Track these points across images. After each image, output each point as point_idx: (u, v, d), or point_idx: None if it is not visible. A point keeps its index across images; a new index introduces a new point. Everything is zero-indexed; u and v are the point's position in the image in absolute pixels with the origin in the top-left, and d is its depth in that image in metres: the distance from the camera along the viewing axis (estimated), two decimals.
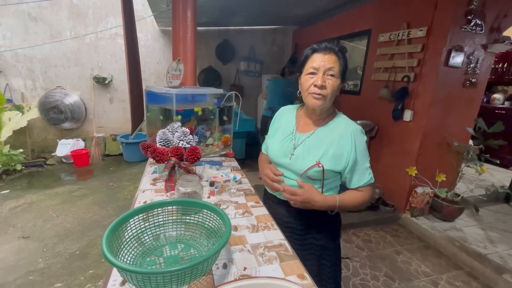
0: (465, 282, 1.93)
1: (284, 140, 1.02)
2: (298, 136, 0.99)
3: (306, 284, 0.66)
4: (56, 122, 3.86)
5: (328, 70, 0.88)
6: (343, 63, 0.90)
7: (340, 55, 0.90)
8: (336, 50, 0.90)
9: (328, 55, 0.88)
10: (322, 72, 0.88)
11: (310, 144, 0.95)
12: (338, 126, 0.95)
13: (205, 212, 0.76)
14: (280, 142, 1.02)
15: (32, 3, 3.61)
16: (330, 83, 0.88)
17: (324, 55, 0.89)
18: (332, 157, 0.91)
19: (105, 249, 0.55)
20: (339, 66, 0.89)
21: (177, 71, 1.52)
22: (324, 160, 0.91)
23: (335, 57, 0.89)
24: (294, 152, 0.96)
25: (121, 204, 2.83)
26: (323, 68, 0.88)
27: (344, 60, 0.91)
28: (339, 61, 0.89)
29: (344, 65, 0.90)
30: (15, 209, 2.66)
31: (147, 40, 4.27)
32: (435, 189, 2.57)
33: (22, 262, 1.95)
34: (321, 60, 0.88)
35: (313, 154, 0.92)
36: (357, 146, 0.91)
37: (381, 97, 2.73)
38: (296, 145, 0.97)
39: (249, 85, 5.01)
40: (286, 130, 1.04)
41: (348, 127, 0.93)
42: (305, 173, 0.92)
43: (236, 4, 3.19)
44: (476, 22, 2.23)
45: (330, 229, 1.04)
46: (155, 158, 1.08)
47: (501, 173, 3.92)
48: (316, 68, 0.89)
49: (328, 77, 0.88)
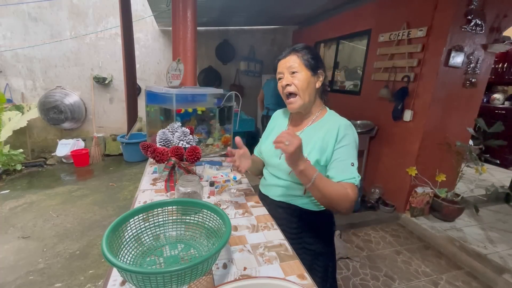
0: (465, 282, 1.93)
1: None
2: None
3: (306, 284, 0.66)
4: (56, 122, 3.86)
5: (289, 68, 0.93)
6: (306, 55, 0.93)
7: (301, 51, 0.93)
8: (296, 49, 0.94)
9: (288, 57, 0.94)
10: (286, 73, 0.94)
11: None
12: (327, 123, 0.96)
13: (205, 212, 0.76)
14: (271, 143, 1.02)
15: (32, 3, 3.61)
16: (295, 80, 0.92)
17: (284, 59, 0.95)
18: (318, 150, 0.91)
19: (105, 249, 0.55)
20: (302, 60, 0.92)
21: (177, 71, 1.52)
22: (312, 154, 0.91)
23: (295, 56, 0.93)
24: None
25: (121, 204, 2.83)
26: (285, 69, 0.94)
27: (309, 52, 0.94)
28: (300, 56, 0.93)
29: (309, 57, 0.93)
30: (15, 209, 2.66)
31: (147, 40, 4.27)
32: (435, 189, 2.57)
33: (22, 262, 1.95)
34: (281, 64, 0.95)
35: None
36: (342, 138, 0.89)
37: (381, 97, 2.73)
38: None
39: (249, 85, 5.01)
40: (279, 131, 1.03)
41: (336, 121, 0.93)
42: (292, 171, 0.92)
43: (236, 4, 3.19)
44: (476, 22, 2.23)
45: (323, 234, 1.03)
46: (155, 158, 1.08)
47: (501, 173, 3.92)
48: (280, 72, 0.96)
49: (293, 75, 0.93)
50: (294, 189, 0.98)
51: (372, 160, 3.01)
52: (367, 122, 2.92)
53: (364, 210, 2.74)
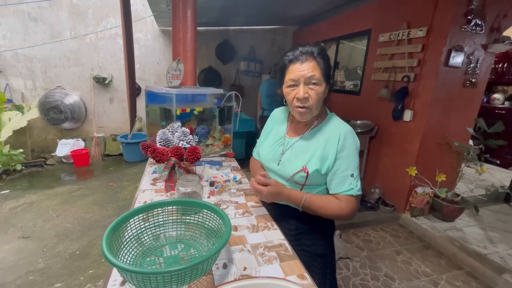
0: (465, 282, 1.93)
1: (274, 145, 1.01)
2: (287, 140, 0.97)
3: (306, 284, 0.66)
4: (56, 122, 3.86)
5: (309, 79, 0.80)
6: (324, 65, 0.82)
7: (320, 57, 0.81)
8: (315, 53, 0.81)
9: (305, 63, 0.80)
10: (302, 82, 0.81)
11: (298, 148, 0.93)
12: (328, 128, 0.90)
13: (205, 212, 0.76)
14: (270, 146, 1.02)
15: (32, 3, 3.61)
16: (313, 93, 0.81)
17: (301, 64, 0.80)
18: (319, 158, 0.87)
19: (105, 249, 0.55)
20: (321, 70, 0.80)
21: (177, 71, 1.52)
22: (311, 162, 0.88)
23: (314, 62, 0.80)
24: (282, 158, 0.95)
25: (121, 204, 2.83)
26: (303, 78, 0.80)
27: (326, 60, 0.82)
28: (320, 65, 0.81)
29: (326, 66, 0.82)
30: (15, 209, 2.66)
31: (147, 40, 4.27)
32: (435, 189, 2.57)
33: (22, 262, 1.95)
34: (299, 71, 0.80)
35: (301, 158, 0.90)
36: (343, 148, 0.85)
37: (381, 97, 2.73)
38: (285, 150, 0.96)
39: (249, 85, 5.01)
40: (277, 134, 1.02)
41: (338, 128, 0.88)
42: (291, 178, 0.90)
43: (236, 4, 3.19)
44: (476, 22, 2.23)
45: (322, 235, 1.01)
46: (155, 158, 1.08)
47: (501, 173, 3.92)
48: (295, 79, 0.81)
49: (311, 86, 0.81)
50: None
51: (372, 160, 3.01)
52: (367, 122, 2.92)
53: (364, 210, 2.74)
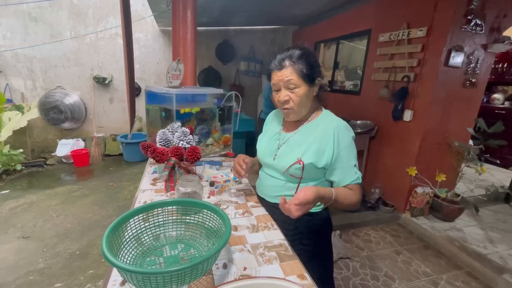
0: (465, 282, 1.93)
1: (270, 140, 1.04)
2: (283, 135, 1.01)
3: (306, 284, 0.66)
4: (56, 122, 3.86)
5: (287, 83, 0.87)
6: (303, 65, 0.86)
7: (298, 61, 0.86)
8: (293, 58, 0.86)
9: (283, 69, 0.87)
10: (283, 87, 0.89)
11: (293, 142, 0.96)
12: (322, 123, 0.94)
13: (205, 212, 0.76)
14: (266, 142, 1.06)
15: (32, 3, 3.61)
16: (294, 96, 0.88)
17: (279, 70, 0.88)
18: (314, 152, 0.90)
19: (105, 249, 0.55)
20: (299, 73, 0.86)
21: (177, 71, 1.53)
22: (306, 155, 0.90)
23: (291, 68, 0.86)
24: (278, 152, 0.98)
25: (121, 204, 2.83)
26: (282, 83, 0.88)
27: (306, 63, 0.86)
28: (297, 68, 0.86)
29: (306, 67, 0.86)
30: (15, 209, 2.66)
31: (147, 40, 4.27)
32: (435, 189, 2.57)
33: (22, 262, 1.95)
34: (277, 77, 0.88)
35: (296, 151, 0.93)
36: (340, 141, 0.89)
37: (381, 97, 2.73)
38: (280, 145, 0.99)
39: (249, 85, 5.01)
40: (273, 131, 1.06)
41: (332, 122, 0.92)
42: (287, 170, 0.93)
43: (236, 4, 3.19)
44: (476, 22, 2.22)
45: (320, 235, 1.02)
46: (155, 158, 1.08)
47: (501, 173, 3.92)
48: (276, 85, 0.90)
49: (290, 90, 0.88)
50: (290, 189, 0.97)
51: (372, 160, 3.01)
52: (367, 122, 2.92)
53: (364, 210, 2.74)
